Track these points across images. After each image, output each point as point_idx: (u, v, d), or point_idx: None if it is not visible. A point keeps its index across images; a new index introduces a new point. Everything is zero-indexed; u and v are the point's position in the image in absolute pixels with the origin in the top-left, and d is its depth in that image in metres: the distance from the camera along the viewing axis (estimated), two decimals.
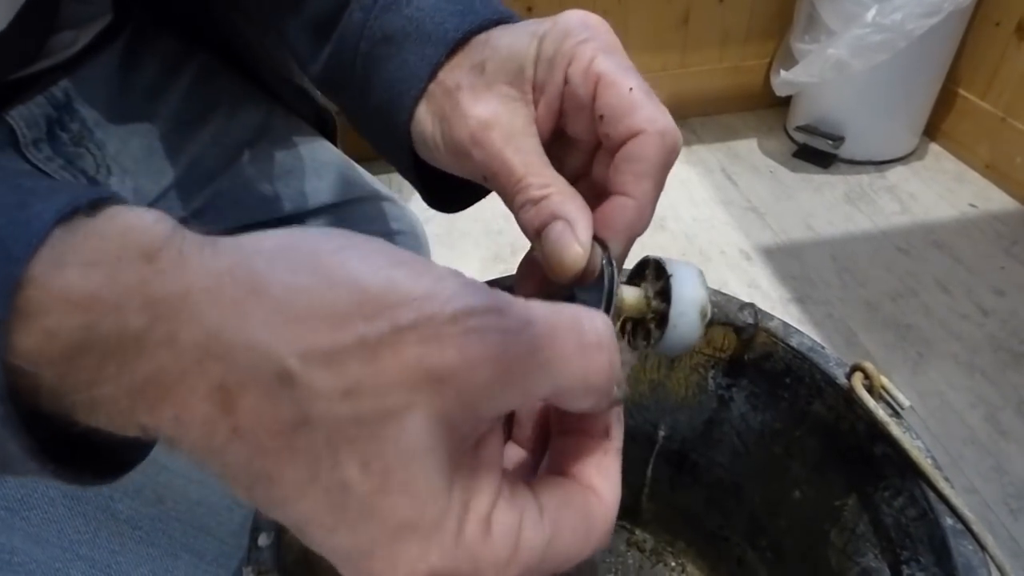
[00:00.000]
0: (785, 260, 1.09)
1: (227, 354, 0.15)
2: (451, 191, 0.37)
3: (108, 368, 0.15)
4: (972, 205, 1.19)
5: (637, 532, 0.60)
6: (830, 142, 1.29)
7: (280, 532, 0.31)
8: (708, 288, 0.28)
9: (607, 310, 0.26)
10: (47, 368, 0.15)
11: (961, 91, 1.30)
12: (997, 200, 1.20)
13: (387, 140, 0.34)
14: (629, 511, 0.60)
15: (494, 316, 0.17)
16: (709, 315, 0.28)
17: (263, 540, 0.30)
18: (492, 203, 1.16)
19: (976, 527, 0.30)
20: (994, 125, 1.23)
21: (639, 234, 0.27)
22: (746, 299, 1.01)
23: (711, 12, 1.35)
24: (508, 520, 0.18)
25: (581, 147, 0.31)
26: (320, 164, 0.67)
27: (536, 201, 0.27)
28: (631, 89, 0.26)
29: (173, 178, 0.57)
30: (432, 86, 0.30)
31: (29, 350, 0.15)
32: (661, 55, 1.37)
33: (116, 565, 0.36)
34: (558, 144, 0.31)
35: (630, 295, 0.28)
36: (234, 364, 0.15)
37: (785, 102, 1.41)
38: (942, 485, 0.32)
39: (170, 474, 0.41)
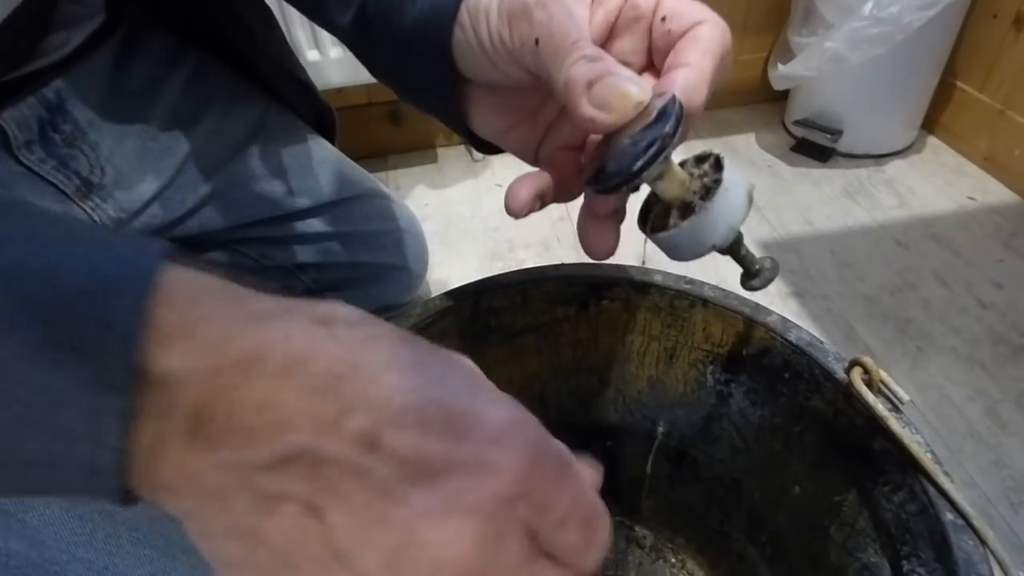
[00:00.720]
0: (783, 254, 1.09)
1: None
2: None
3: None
4: (971, 198, 1.19)
5: (637, 529, 0.60)
6: (828, 136, 1.28)
7: None
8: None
9: (673, 134, 0.26)
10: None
11: (959, 84, 1.29)
12: (996, 193, 1.20)
13: (426, 62, 0.33)
14: (629, 508, 0.60)
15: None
16: (752, 202, 0.30)
17: None
18: (489, 200, 1.16)
19: (976, 522, 0.30)
20: (992, 117, 1.23)
21: (694, 109, 0.28)
22: (744, 294, 1.01)
23: (708, 5, 1.34)
24: None
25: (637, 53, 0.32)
26: (317, 162, 0.67)
27: (592, 59, 0.27)
28: None
29: (168, 178, 0.56)
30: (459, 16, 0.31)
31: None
32: None
33: (113, 567, 0.36)
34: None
35: (676, 167, 0.29)
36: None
37: (783, 96, 1.41)
38: (942, 480, 0.32)
39: None
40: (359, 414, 0.17)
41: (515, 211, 0.32)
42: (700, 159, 0.31)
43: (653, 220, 0.31)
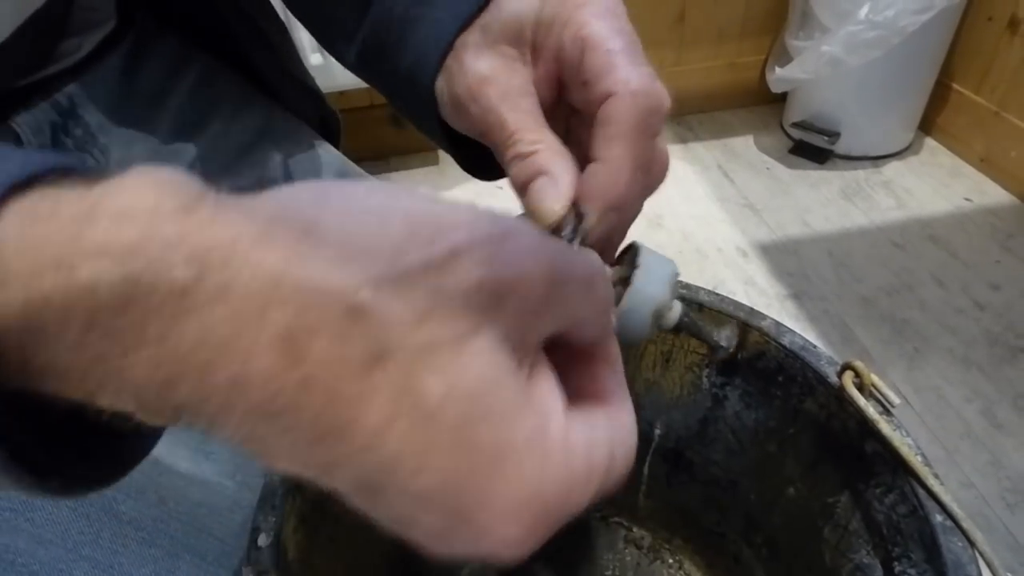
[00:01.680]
0: (781, 256, 1.09)
1: (291, 298, 0.14)
2: (482, 158, 0.37)
3: (149, 330, 0.13)
4: (967, 199, 1.20)
5: (635, 529, 0.61)
6: (826, 138, 1.29)
7: (279, 533, 0.31)
8: (675, 291, 0.28)
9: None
10: (63, 337, 0.13)
11: (955, 86, 1.30)
12: (992, 194, 1.21)
13: (416, 105, 0.34)
14: (626, 508, 0.60)
15: (538, 237, 0.17)
16: (670, 319, 0.28)
17: (262, 540, 0.31)
18: (491, 202, 1.17)
19: (965, 523, 0.31)
20: (988, 119, 1.24)
21: (619, 204, 0.26)
22: (743, 296, 1.01)
23: (706, 10, 1.35)
24: (581, 437, 0.18)
25: (584, 118, 0.30)
26: (320, 166, 0.67)
27: (524, 156, 0.27)
28: (609, 51, 0.26)
29: None
30: (455, 45, 0.30)
31: (33, 310, 0.13)
32: (657, 53, 1.38)
33: (119, 565, 0.36)
34: (562, 113, 0.31)
35: None
36: (300, 307, 0.14)
37: (781, 98, 1.41)
38: (931, 482, 0.32)
39: (172, 476, 0.41)
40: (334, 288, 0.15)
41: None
42: (625, 251, 0.29)
43: None
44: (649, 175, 0.28)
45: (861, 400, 0.35)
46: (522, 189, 0.27)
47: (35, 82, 0.45)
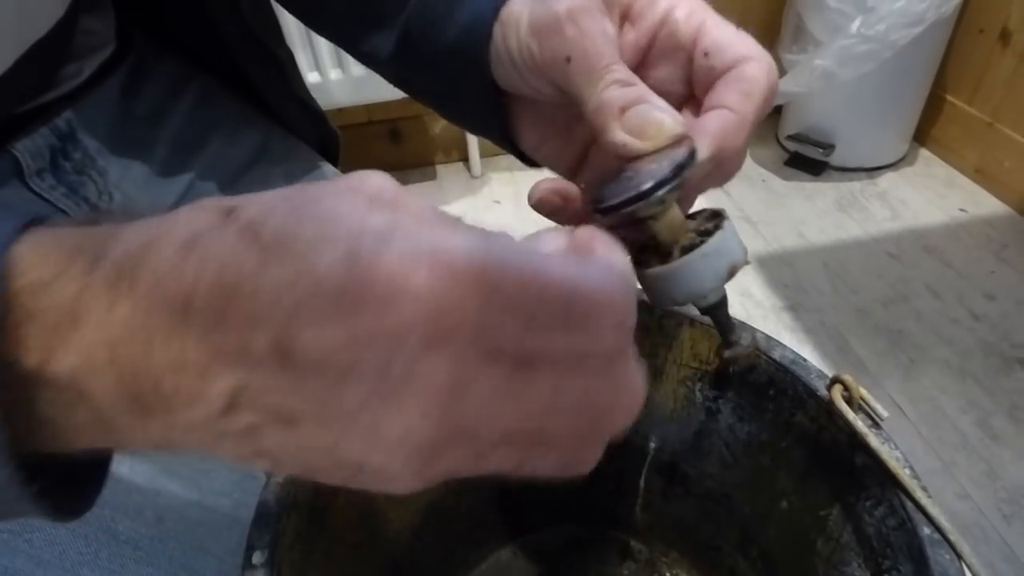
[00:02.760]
0: (777, 268, 1.10)
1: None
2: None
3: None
4: (962, 210, 1.21)
5: (632, 543, 0.61)
6: (821, 150, 1.30)
7: (274, 550, 0.32)
8: (746, 258, 0.28)
9: (673, 177, 0.25)
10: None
11: (949, 97, 1.31)
12: (987, 204, 1.21)
13: (465, 76, 0.33)
14: (623, 522, 0.60)
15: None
16: (734, 275, 0.28)
17: (257, 558, 0.31)
18: (488, 217, 1.18)
19: (952, 536, 0.31)
20: (982, 130, 1.25)
21: (730, 154, 0.27)
22: (739, 308, 1.02)
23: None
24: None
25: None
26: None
27: (625, 84, 0.27)
28: (738, 30, 0.28)
29: (174, 201, 0.58)
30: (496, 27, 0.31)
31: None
32: None
33: None
34: None
35: (677, 211, 0.28)
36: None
37: (776, 111, 1.42)
38: (919, 495, 0.33)
39: (169, 495, 0.41)
40: (259, 332, 0.16)
41: (532, 198, 0.31)
42: (714, 215, 0.29)
43: (637, 255, 0.31)
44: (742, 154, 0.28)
45: (850, 414, 0.35)
46: (620, 111, 0.27)
47: (35, 107, 0.46)
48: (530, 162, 0.38)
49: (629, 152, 0.27)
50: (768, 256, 1.13)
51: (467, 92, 0.35)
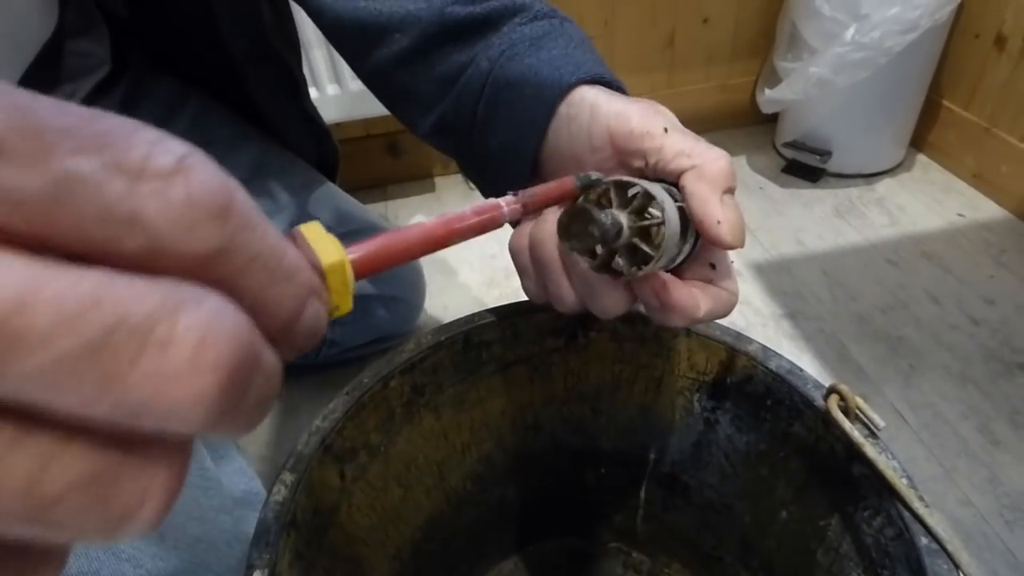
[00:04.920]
0: (776, 275, 1.10)
1: None
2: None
3: None
4: (960, 215, 1.21)
5: (634, 554, 0.61)
6: (818, 157, 1.30)
7: (274, 568, 0.32)
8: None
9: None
10: None
11: (945, 102, 1.32)
12: (985, 209, 1.21)
13: (510, 171, 0.38)
14: (625, 533, 0.60)
15: None
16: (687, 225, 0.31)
17: None
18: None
19: (950, 546, 0.31)
20: (979, 135, 1.25)
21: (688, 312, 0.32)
22: (738, 316, 1.02)
23: (696, 33, 1.37)
24: None
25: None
26: (315, 198, 0.68)
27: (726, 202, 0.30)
28: (719, 222, 0.30)
29: None
30: (564, 102, 0.34)
31: None
32: (648, 76, 1.40)
33: None
34: None
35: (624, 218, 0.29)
36: None
37: (773, 119, 1.43)
38: (916, 505, 0.33)
39: (170, 513, 0.42)
40: None
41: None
42: (621, 186, 0.29)
43: (620, 264, 0.30)
44: None
45: (846, 424, 0.36)
46: (679, 173, 0.31)
47: None
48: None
49: (726, 245, 0.30)
50: (766, 263, 1.13)
51: (505, 175, 0.38)
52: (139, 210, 0.11)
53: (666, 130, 0.31)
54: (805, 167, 1.33)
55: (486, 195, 0.42)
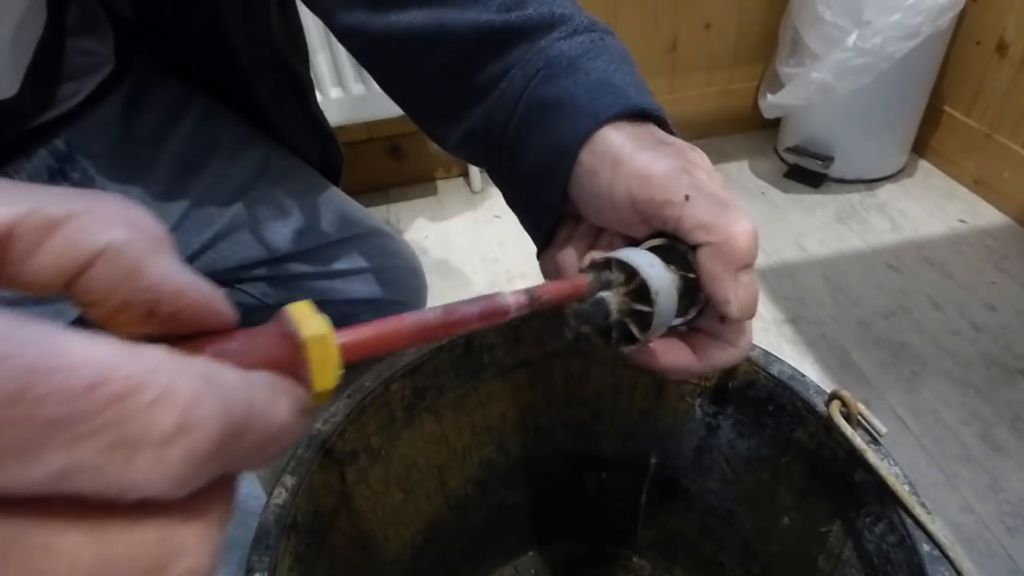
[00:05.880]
0: (778, 281, 1.10)
1: None
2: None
3: None
4: (962, 221, 1.21)
5: (635, 559, 0.61)
6: (820, 162, 1.31)
7: (273, 572, 0.32)
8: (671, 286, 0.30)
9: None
10: None
11: (947, 108, 1.32)
12: (986, 215, 1.21)
13: (539, 195, 0.36)
14: (626, 539, 0.60)
15: None
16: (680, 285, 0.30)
17: None
18: (488, 232, 1.18)
19: (952, 553, 0.31)
20: (980, 141, 1.25)
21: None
22: None
23: (698, 38, 1.37)
24: None
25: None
26: (319, 203, 0.68)
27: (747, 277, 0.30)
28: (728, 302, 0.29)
29: (174, 222, 0.58)
30: (588, 148, 0.32)
31: None
32: (651, 81, 1.39)
33: None
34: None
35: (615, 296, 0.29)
36: None
37: (775, 124, 1.43)
38: (918, 511, 0.33)
39: None
40: None
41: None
42: (603, 265, 0.30)
43: (616, 339, 0.31)
44: None
45: (848, 430, 0.36)
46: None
47: (33, 128, 0.46)
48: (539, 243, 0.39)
49: (731, 312, 0.29)
50: (768, 268, 1.13)
51: (536, 198, 0.37)
52: (140, 482, 0.11)
53: (687, 197, 0.29)
54: (807, 172, 1.33)
55: (513, 207, 0.40)
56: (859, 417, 0.36)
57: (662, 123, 0.34)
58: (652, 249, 0.31)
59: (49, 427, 0.10)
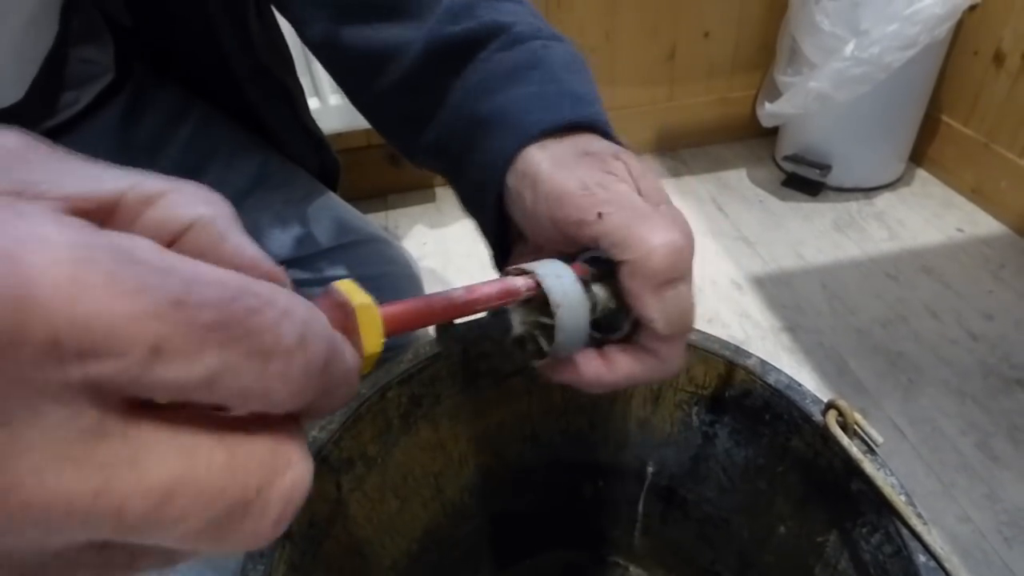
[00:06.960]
0: (775, 289, 1.10)
1: None
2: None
3: None
4: (959, 230, 1.21)
5: (632, 568, 0.61)
6: (818, 171, 1.31)
7: (270, 573, 0.32)
8: (583, 282, 0.28)
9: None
10: None
11: (945, 118, 1.32)
12: (984, 224, 1.22)
13: (480, 217, 0.37)
14: (623, 547, 0.60)
15: None
16: (597, 305, 0.29)
17: None
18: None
19: (948, 563, 0.31)
20: (978, 150, 1.25)
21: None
22: (737, 329, 1.02)
23: (697, 46, 1.38)
24: None
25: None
26: (316, 209, 0.68)
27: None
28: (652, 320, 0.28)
29: None
30: (512, 169, 0.32)
31: None
32: (649, 89, 1.40)
33: None
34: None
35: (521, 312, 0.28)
36: None
37: (773, 132, 1.44)
38: (914, 522, 0.32)
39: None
40: None
41: None
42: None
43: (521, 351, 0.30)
44: None
45: (845, 439, 0.35)
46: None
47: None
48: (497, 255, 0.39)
49: (657, 330, 0.28)
50: (766, 277, 1.13)
51: (481, 223, 0.37)
52: (269, 388, 0.13)
53: (600, 215, 0.28)
54: (805, 181, 1.34)
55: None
56: (856, 427, 0.36)
57: (600, 129, 0.33)
58: (590, 261, 0.29)
59: (207, 330, 0.12)
